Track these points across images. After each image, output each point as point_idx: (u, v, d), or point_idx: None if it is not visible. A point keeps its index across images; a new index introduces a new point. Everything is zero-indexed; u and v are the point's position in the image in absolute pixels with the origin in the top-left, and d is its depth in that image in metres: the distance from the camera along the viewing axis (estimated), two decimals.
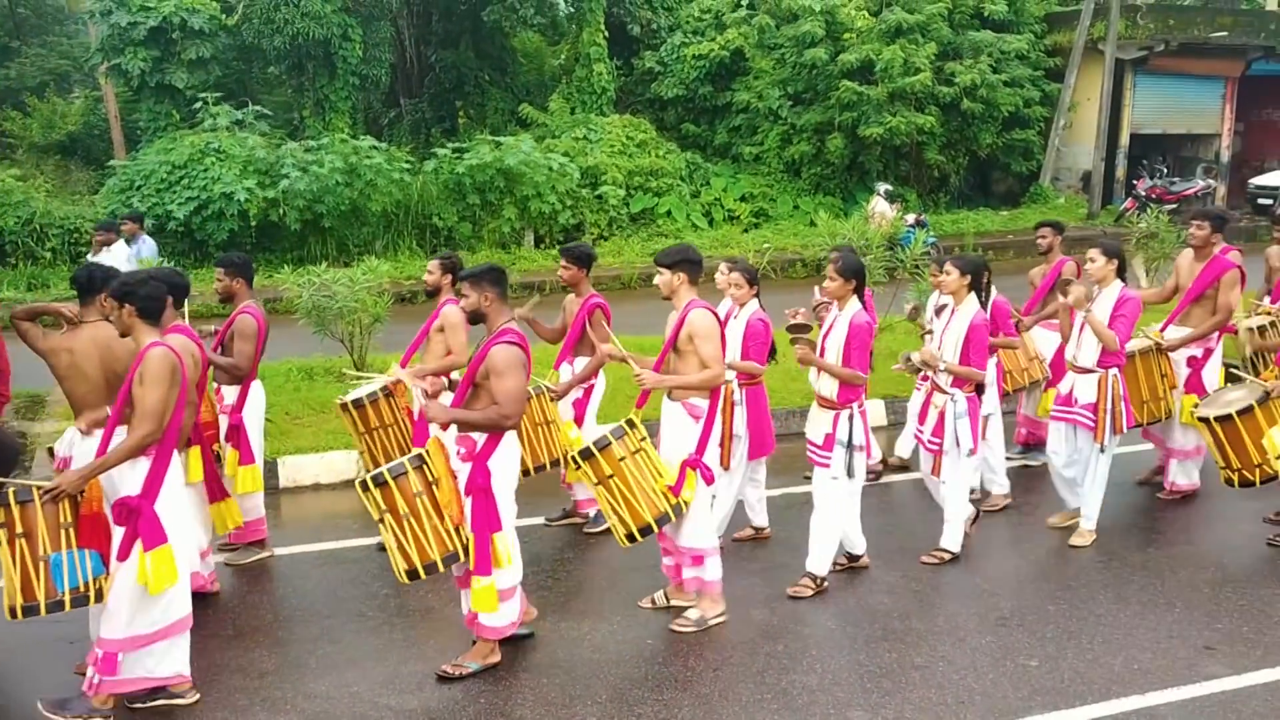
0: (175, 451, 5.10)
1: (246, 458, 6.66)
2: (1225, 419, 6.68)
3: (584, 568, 6.65)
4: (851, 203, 22.69)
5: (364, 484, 5.21)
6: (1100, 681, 5.25)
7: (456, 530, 5.24)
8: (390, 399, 7.04)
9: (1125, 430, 6.85)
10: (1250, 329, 7.84)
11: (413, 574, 5.19)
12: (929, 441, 6.64)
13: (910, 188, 23.70)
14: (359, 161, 18.22)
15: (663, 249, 6.05)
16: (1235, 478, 6.82)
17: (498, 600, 5.25)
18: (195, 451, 6.07)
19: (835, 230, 14.28)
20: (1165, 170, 26.63)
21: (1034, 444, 8.44)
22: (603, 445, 5.60)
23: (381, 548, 6.91)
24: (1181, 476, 7.79)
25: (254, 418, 6.76)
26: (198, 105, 19.36)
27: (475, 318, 5.37)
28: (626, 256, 19.29)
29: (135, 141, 21.65)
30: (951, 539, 6.69)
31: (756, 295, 6.79)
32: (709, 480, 5.77)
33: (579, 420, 7.12)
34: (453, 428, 5.31)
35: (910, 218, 18.68)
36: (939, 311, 7.21)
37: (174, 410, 4.94)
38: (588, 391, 7.19)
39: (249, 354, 6.60)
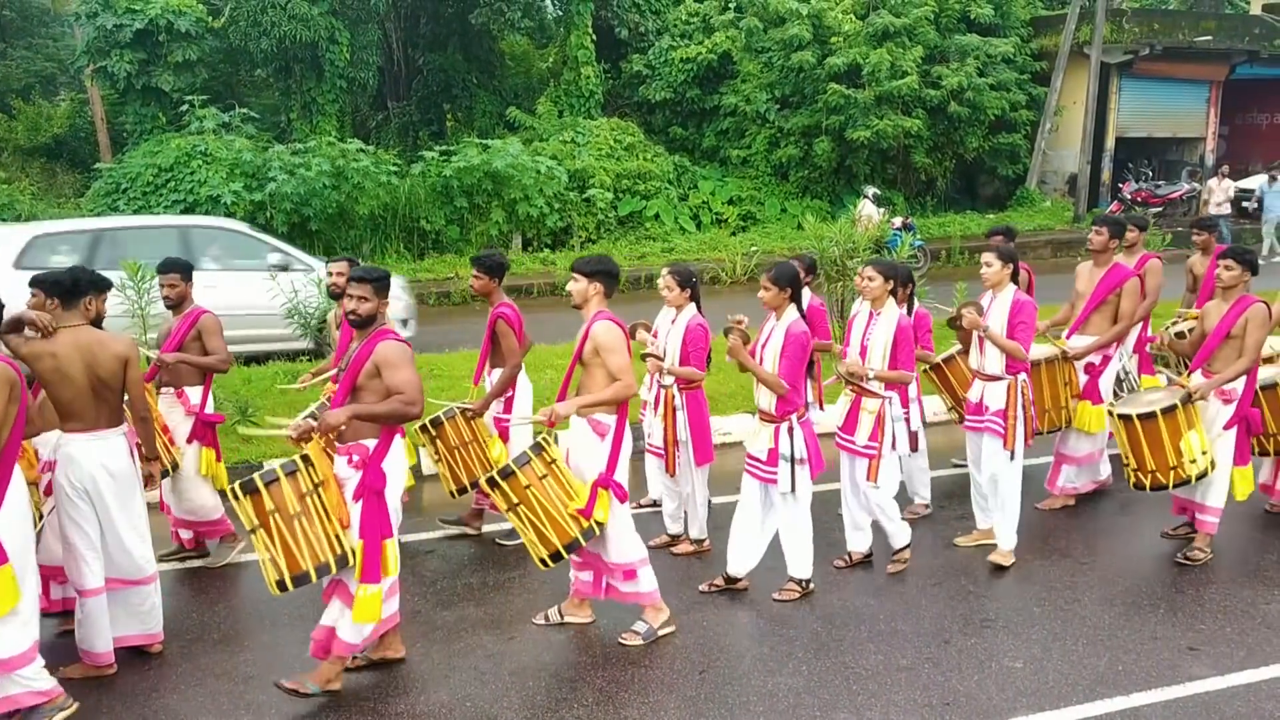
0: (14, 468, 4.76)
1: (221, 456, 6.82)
2: (1148, 417, 6.50)
3: (569, 570, 6.63)
4: (839, 206, 22.77)
5: (233, 492, 4.99)
6: (1084, 683, 5.27)
7: (338, 537, 5.03)
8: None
9: (1033, 438, 6.73)
10: (1172, 334, 7.80)
11: (281, 585, 4.95)
12: (864, 447, 6.41)
13: (897, 191, 23.79)
14: (346, 164, 18.23)
15: (582, 257, 5.87)
16: (1148, 480, 6.60)
17: (380, 610, 5.09)
18: None
19: (822, 233, 14.29)
20: (1150, 174, 26.78)
21: None
22: (511, 471, 5.50)
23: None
24: (1070, 480, 7.73)
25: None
26: (184, 108, 19.34)
27: (366, 322, 5.12)
28: (617, 259, 19.29)
29: (121, 144, 21.61)
30: (901, 535, 6.62)
31: (695, 300, 6.70)
32: (622, 498, 5.60)
33: (505, 437, 7.03)
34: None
35: (897, 221, 18.74)
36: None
37: (13, 427, 4.69)
38: (508, 404, 7.02)
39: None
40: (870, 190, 20.46)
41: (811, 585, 6.29)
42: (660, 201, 22.02)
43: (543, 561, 5.55)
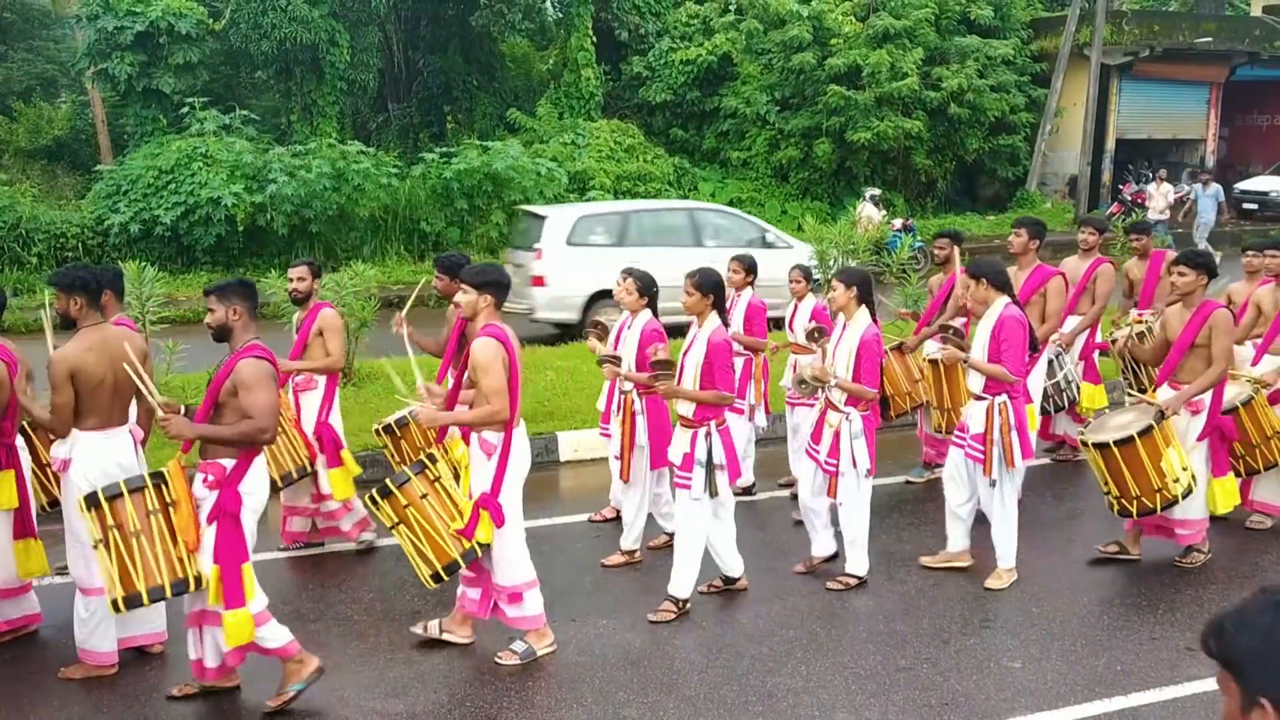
0: None
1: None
2: (1125, 442, 6.18)
3: (569, 571, 6.65)
4: (839, 207, 22.78)
5: (80, 505, 4.94)
6: (1083, 683, 5.27)
7: (181, 561, 4.89)
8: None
9: (1022, 463, 6.27)
10: (1128, 338, 7.49)
11: (115, 605, 4.85)
12: (825, 462, 6.25)
13: (897, 192, 23.81)
14: (346, 166, 18.23)
15: (471, 266, 5.65)
16: (1133, 507, 6.29)
17: (254, 627, 4.90)
18: (8, 476, 5.66)
19: (822, 234, 14.32)
20: (1151, 175, 26.77)
21: (939, 463, 7.93)
22: (400, 482, 5.41)
23: (367, 549, 6.93)
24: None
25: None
26: (185, 110, 19.35)
27: (221, 334, 5.00)
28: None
29: (122, 146, 21.62)
30: (858, 563, 6.34)
31: (651, 305, 6.62)
32: (498, 523, 5.33)
33: (467, 437, 6.91)
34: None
35: (897, 222, 18.77)
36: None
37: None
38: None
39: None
40: (871, 192, 20.50)
41: (688, 605, 6.01)
42: None
43: (434, 578, 5.40)
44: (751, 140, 23.71)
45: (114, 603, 4.87)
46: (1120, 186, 25.43)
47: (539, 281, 13.23)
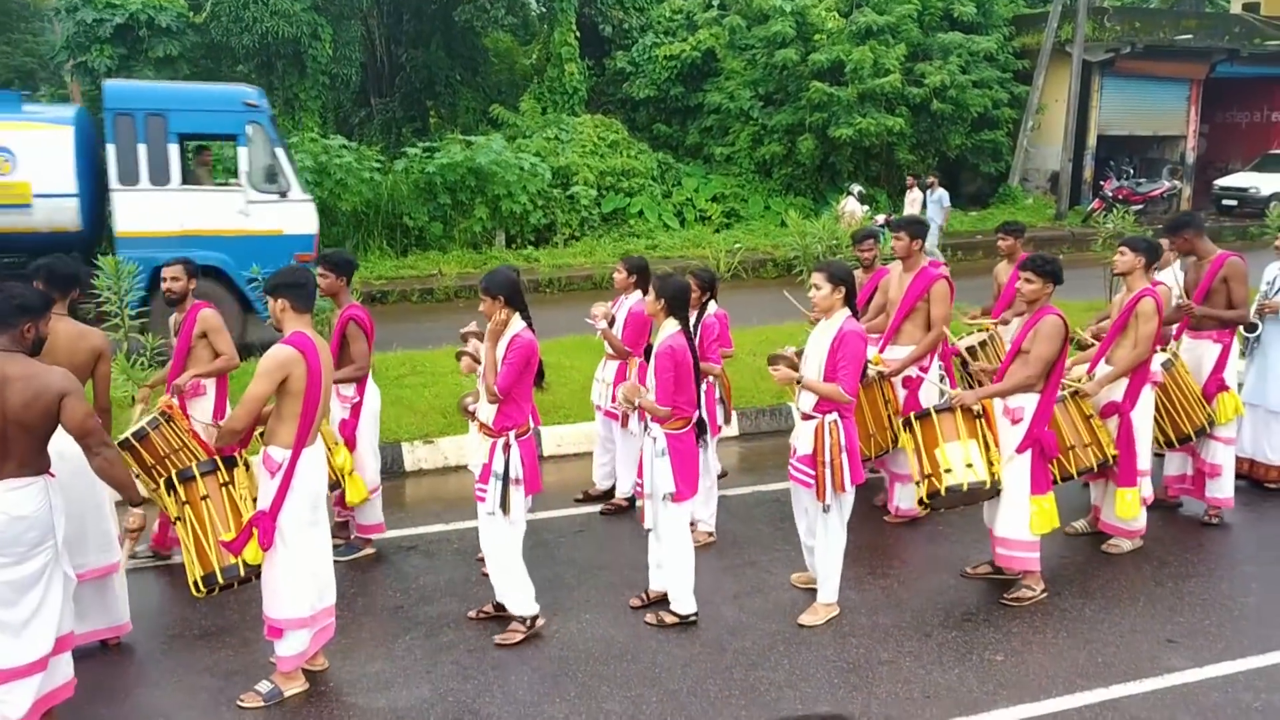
0: None
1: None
2: (907, 424, 6.16)
3: (551, 565, 6.64)
4: (822, 203, 22.82)
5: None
6: (1064, 675, 5.30)
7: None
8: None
9: (852, 487, 5.74)
10: (964, 349, 7.38)
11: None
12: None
13: (881, 188, 23.86)
14: (329, 160, 18.15)
15: (272, 274, 5.25)
16: (924, 488, 6.08)
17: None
18: None
19: (805, 230, 14.36)
20: (1132, 171, 26.93)
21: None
22: (185, 478, 5.22)
23: (348, 550, 6.89)
24: (905, 500, 7.30)
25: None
26: None
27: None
28: (598, 257, 19.30)
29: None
30: (680, 601, 5.89)
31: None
32: (265, 545, 4.95)
33: (350, 444, 6.66)
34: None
35: (880, 218, 18.81)
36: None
37: None
38: (355, 410, 6.72)
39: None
40: (855, 188, 20.54)
41: (539, 622, 5.78)
42: (644, 199, 22.02)
43: (195, 585, 5.13)
44: (735, 136, 23.72)
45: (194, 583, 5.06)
46: (1101, 183, 25.55)
47: None
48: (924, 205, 19.08)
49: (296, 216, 12.66)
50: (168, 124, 11.96)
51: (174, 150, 12.00)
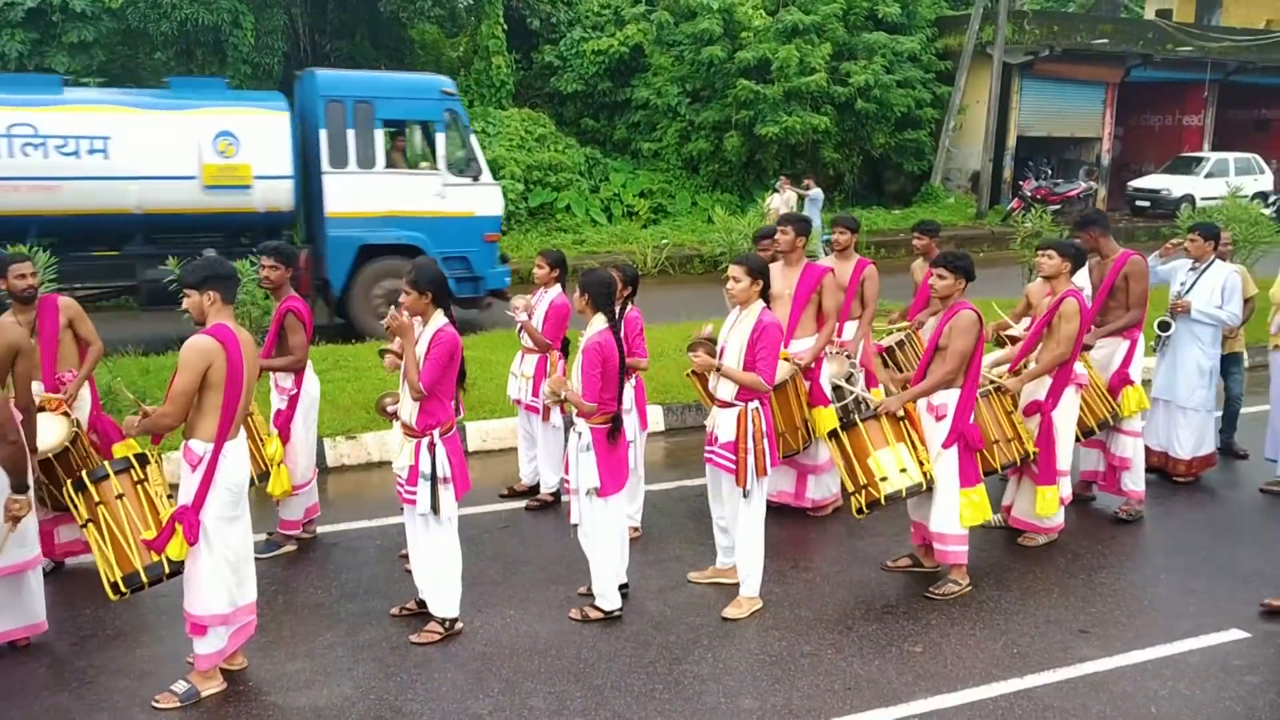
0: None
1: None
2: (834, 435, 6.21)
3: (476, 561, 6.59)
4: (748, 200, 22.97)
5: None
6: (981, 665, 5.40)
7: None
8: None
9: (769, 471, 5.86)
10: (882, 351, 7.45)
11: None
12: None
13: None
14: None
15: (187, 265, 5.09)
16: (862, 497, 6.09)
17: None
18: None
19: (731, 226, 14.45)
20: (1050, 172, 27.54)
21: None
22: (97, 477, 5.08)
23: (268, 547, 6.78)
24: (817, 491, 7.40)
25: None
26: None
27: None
28: (525, 251, 19.22)
29: None
30: (603, 596, 5.89)
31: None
32: (190, 540, 4.84)
33: (284, 436, 6.62)
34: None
35: (814, 191, 18.82)
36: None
37: None
38: (292, 402, 6.65)
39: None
40: (781, 182, 20.64)
41: (459, 625, 5.71)
42: (571, 193, 21.98)
43: (114, 588, 5.00)
44: (662, 132, 23.78)
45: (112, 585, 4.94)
46: (1020, 183, 26.08)
47: None
48: (801, 206, 19.11)
49: (486, 199, 13.72)
50: (374, 110, 12.95)
51: (379, 135, 12.95)
